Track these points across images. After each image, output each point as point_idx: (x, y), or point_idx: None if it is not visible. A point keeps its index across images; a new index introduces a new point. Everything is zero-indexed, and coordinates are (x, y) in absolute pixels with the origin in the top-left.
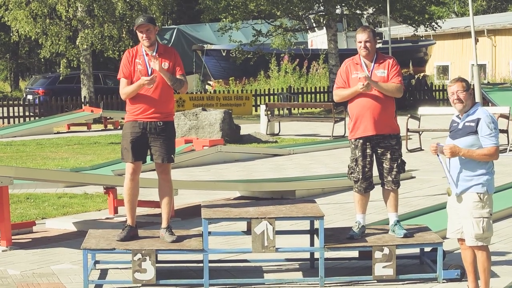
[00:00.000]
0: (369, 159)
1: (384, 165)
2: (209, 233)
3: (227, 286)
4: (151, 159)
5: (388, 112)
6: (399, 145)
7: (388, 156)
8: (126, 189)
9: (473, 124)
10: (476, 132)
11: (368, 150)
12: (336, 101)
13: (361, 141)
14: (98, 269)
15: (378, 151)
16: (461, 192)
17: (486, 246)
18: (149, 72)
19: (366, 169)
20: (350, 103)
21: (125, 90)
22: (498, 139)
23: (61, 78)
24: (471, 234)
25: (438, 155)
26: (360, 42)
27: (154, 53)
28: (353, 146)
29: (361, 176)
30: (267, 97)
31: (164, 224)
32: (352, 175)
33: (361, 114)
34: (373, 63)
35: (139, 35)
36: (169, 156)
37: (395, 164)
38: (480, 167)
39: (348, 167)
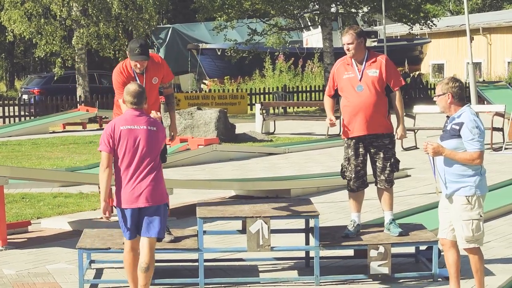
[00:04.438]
0: (361, 158)
1: (377, 164)
2: (204, 232)
3: (222, 285)
4: None
5: (381, 111)
6: (393, 144)
7: (381, 155)
8: None
9: (457, 127)
10: (460, 136)
11: (361, 149)
12: None
13: (354, 140)
14: (93, 269)
15: (371, 150)
16: (450, 194)
17: (478, 248)
18: None
19: (359, 168)
20: (343, 102)
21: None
22: (482, 143)
23: (55, 77)
24: (461, 237)
25: (428, 154)
26: (344, 44)
27: (144, 74)
28: (346, 145)
29: (353, 175)
30: (262, 96)
31: None
32: (345, 174)
33: (354, 114)
34: (364, 62)
35: (133, 64)
36: (163, 156)
37: (388, 163)
38: (467, 169)
39: (341, 165)
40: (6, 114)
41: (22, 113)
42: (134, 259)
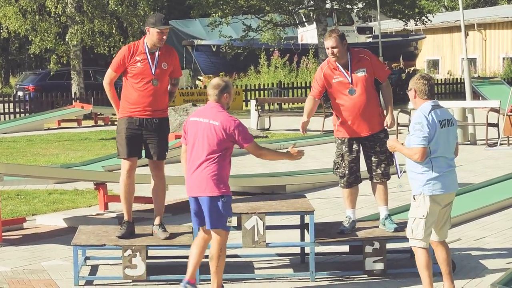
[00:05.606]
0: (355, 154)
1: (372, 158)
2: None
3: None
4: (146, 156)
5: (375, 110)
6: (387, 137)
7: (377, 149)
8: (123, 185)
9: None
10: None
11: (355, 146)
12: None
13: (348, 138)
14: (88, 265)
15: (367, 145)
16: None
17: (419, 249)
18: (153, 71)
19: (353, 164)
20: (336, 106)
21: (108, 91)
22: (425, 140)
23: (52, 73)
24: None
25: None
26: (328, 48)
27: (156, 54)
28: (339, 141)
29: (347, 172)
30: (257, 92)
31: (157, 221)
32: (338, 170)
33: (350, 119)
34: (349, 64)
35: (157, 34)
36: (163, 153)
37: (384, 157)
38: (416, 166)
39: (334, 162)
40: (1, 111)
41: (17, 110)
42: (200, 242)
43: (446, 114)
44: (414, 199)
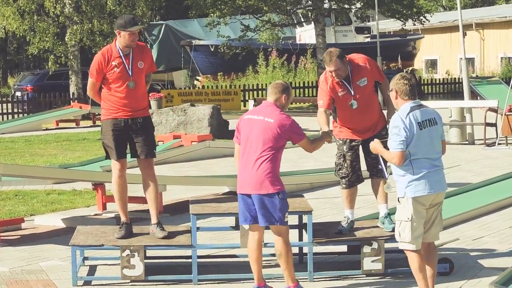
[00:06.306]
0: (356, 152)
1: (372, 155)
2: (198, 228)
3: (216, 282)
4: (132, 156)
5: (376, 113)
6: (387, 134)
7: None
8: (116, 186)
9: None
10: None
11: (355, 145)
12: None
13: (350, 138)
14: (86, 266)
15: (368, 141)
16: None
17: (410, 252)
18: (130, 73)
19: (355, 162)
20: (339, 113)
21: (97, 100)
22: (402, 143)
23: (50, 73)
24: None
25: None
26: (331, 72)
27: (130, 55)
28: (340, 142)
29: (350, 171)
30: (255, 92)
31: (153, 220)
32: (341, 171)
33: (353, 124)
34: (351, 77)
35: (128, 37)
36: (152, 151)
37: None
38: (399, 169)
39: (335, 164)
40: None
41: (15, 110)
42: (253, 245)
43: (428, 114)
44: (399, 201)
